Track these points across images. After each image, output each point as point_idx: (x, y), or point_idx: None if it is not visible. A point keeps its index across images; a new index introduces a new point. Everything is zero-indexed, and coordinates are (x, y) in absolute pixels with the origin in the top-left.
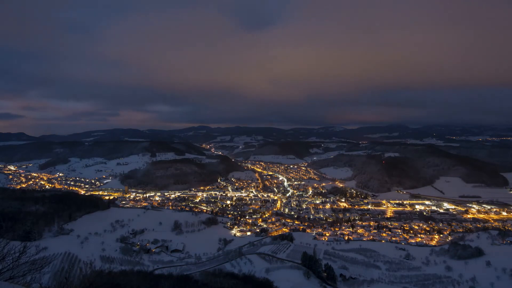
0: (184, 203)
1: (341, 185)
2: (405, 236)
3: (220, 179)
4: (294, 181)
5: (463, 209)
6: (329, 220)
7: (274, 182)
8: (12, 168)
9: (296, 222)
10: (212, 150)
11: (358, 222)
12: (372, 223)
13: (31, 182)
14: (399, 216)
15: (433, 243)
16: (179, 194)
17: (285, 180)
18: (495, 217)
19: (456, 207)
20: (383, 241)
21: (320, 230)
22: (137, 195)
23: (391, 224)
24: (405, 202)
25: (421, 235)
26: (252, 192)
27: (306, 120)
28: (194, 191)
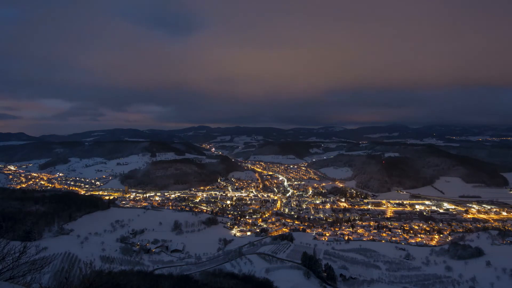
0: (184, 203)
1: (341, 185)
2: (405, 236)
3: (220, 179)
4: (294, 181)
5: (463, 209)
6: (329, 220)
7: (274, 182)
8: (12, 168)
9: (296, 222)
10: (212, 150)
11: (358, 222)
12: (372, 223)
13: (31, 182)
14: (399, 216)
15: (433, 243)
16: (179, 194)
17: (285, 180)
18: (495, 217)
19: (456, 207)
20: (383, 241)
21: (320, 230)
22: (137, 195)
23: (391, 224)
24: (405, 202)
25: (421, 235)
26: (252, 192)
27: (306, 120)
28: (194, 191)
